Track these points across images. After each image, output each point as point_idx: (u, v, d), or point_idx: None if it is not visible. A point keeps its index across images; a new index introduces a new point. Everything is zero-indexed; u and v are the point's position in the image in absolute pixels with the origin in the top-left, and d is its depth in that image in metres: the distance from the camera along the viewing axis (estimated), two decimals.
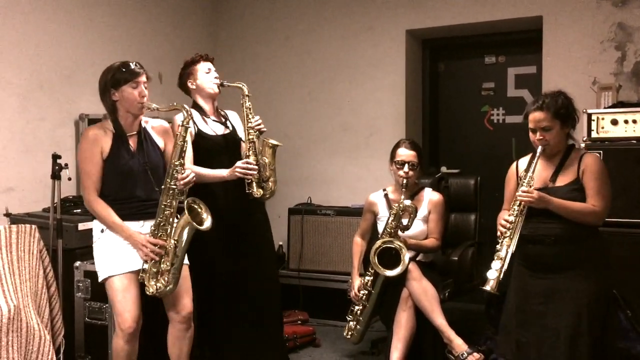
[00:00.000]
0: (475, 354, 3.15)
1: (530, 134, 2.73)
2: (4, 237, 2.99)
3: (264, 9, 5.25)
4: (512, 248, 2.63)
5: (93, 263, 3.30)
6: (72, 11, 4.13)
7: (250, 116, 3.28)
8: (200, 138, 3.27)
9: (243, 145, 3.33)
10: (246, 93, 3.32)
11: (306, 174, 5.07)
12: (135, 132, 2.87)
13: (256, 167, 3.19)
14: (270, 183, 3.27)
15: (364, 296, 3.44)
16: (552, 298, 2.68)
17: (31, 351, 2.88)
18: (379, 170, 4.51)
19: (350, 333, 3.52)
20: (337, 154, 5.01)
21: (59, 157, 3.31)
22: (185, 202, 2.79)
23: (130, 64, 2.81)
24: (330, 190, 4.95)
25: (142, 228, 2.81)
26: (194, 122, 3.25)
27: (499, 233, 2.69)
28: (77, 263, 3.36)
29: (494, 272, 2.64)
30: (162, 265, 2.75)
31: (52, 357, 2.93)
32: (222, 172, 3.20)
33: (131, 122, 2.86)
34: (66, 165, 3.30)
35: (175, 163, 2.77)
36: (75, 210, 3.58)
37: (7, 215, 3.56)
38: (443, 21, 4.67)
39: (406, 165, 3.50)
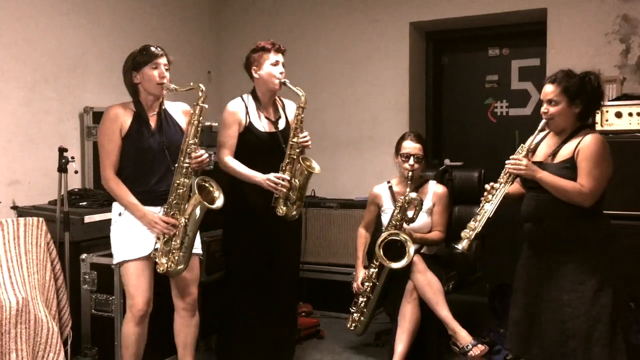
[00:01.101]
0: (479, 345, 3.17)
1: (542, 106, 2.73)
2: (12, 230, 3.00)
3: (268, 2, 5.24)
4: (490, 214, 2.65)
5: (99, 255, 3.36)
6: (77, 4, 4.13)
7: (299, 130, 3.19)
8: (248, 131, 3.24)
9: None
10: (302, 104, 3.19)
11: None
12: (155, 113, 2.93)
13: (288, 185, 3.13)
14: (294, 206, 3.20)
15: (369, 288, 3.46)
16: (546, 279, 2.67)
17: (39, 342, 2.90)
18: (382, 163, 4.52)
19: (354, 325, 3.55)
20: (341, 146, 5.02)
21: (66, 150, 3.32)
22: (195, 181, 2.80)
23: (151, 47, 2.88)
24: (334, 182, 4.97)
25: (158, 214, 2.84)
26: (247, 113, 3.24)
27: (482, 197, 2.73)
28: (84, 255, 3.38)
29: (467, 232, 2.69)
30: (173, 244, 2.80)
31: (59, 349, 2.95)
32: (257, 176, 3.15)
33: (152, 102, 2.92)
34: (72, 158, 3.32)
35: (190, 142, 2.80)
36: (81, 203, 3.59)
37: (14, 208, 3.58)
38: (447, 14, 4.67)
39: (412, 158, 3.51)
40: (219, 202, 2.82)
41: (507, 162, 2.67)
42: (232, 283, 3.32)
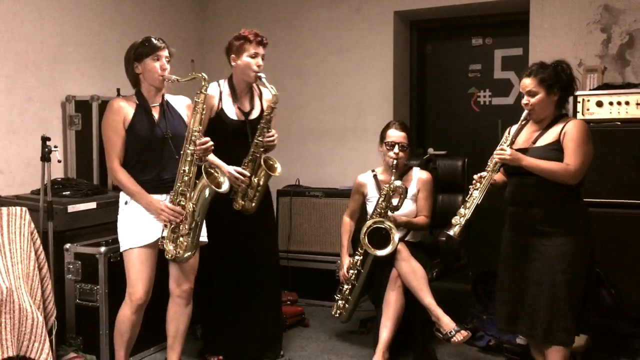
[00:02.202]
0: (462, 331, 3.21)
1: (522, 99, 2.86)
2: None
3: None
4: (478, 200, 2.79)
5: (83, 245, 3.36)
6: None
7: (265, 129, 3.20)
8: (219, 117, 3.25)
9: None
10: (272, 103, 3.20)
11: (294, 156, 5.09)
12: (157, 104, 2.94)
13: (247, 181, 3.18)
14: (251, 203, 3.25)
15: (353, 276, 3.49)
16: (531, 261, 2.78)
17: (24, 332, 2.88)
18: (367, 152, 4.54)
19: (338, 312, 3.57)
20: (326, 135, 5.03)
21: (48, 139, 3.28)
22: (203, 167, 2.84)
23: (153, 38, 2.89)
24: (319, 171, 4.98)
25: (165, 201, 2.86)
26: (220, 99, 3.26)
27: (470, 185, 2.85)
28: (68, 245, 3.37)
29: (458, 219, 2.82)
30: (181, 230, 2.82)
31: (44, 338, 2.94)
32: (221, 165, 3.16)
33: (154, 94, 2.93)
34: (56, 147, 3.28)
35: (194, 129, 2.82)
36: (64, 193, 3.57)
37: None
38: (431, 2, 4.68)
39: (396, 147, 3.53)
40: (225, 185, 2.86)
41: (494, 153, 2.80)
42: (206, 272, 3.29)
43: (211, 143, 2.88)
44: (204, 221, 2.94)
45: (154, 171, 2.88)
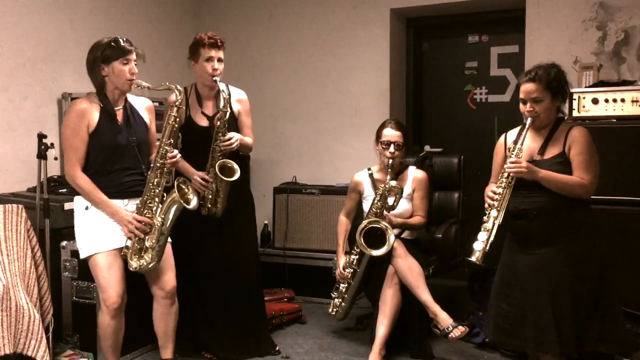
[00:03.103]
0: (460, 327, 3.22)
1: (521, 105, 2.72)
2: None
3: None
4: (499, 220, 2.62)
5: None
6: None
7: (220, 134, 3.17)
8: (186, 124, 3.29)
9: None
10: (222, 107, 3.18)
11: (291, 153, 5.09)
12: (121, 107, 2.88)
13: (210, 187, 3.20)
14: (218, 206, 3.25)
15: (350, 274, 3.49)
16: (535, 272, 2.67)
17: (21, 330, 2.89)
18: (363, 149, 4.54)
19: (335, 310, 3.58)
20: (322, 132, 5.03)
21: (45, 136, 3.29)
22: (175, 180, 2.82)
23: (121, 40, 2.79)
24: (315, 169, 4.98)
25: (125, 207, 2.82)
26: (187, 106, 3.26)
27: (486, 205, 2.68)
28: (64, 243, 3.36)
29: (480, 244, 2.63)
30: (146, 243, 2.78)
31: (41, 336, 2.94)
32: (190, 172, 3.22)
33: (118, 97, 2.87)
34: (52, 144, 3.28)
35: (166, 142, 2.79)
36: (60, 190, 3.56)
37: None
38: (427, 0, 4.68)
39: (392, 146, 3.53)
40: (194, 202, 2.84)
41: (506, 166, 2.64)
42: (180, 271, 3.29)
43: (179, 156, 2.88)
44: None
45: (115, 177, 2.81)
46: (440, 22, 5.03)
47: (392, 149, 3.53)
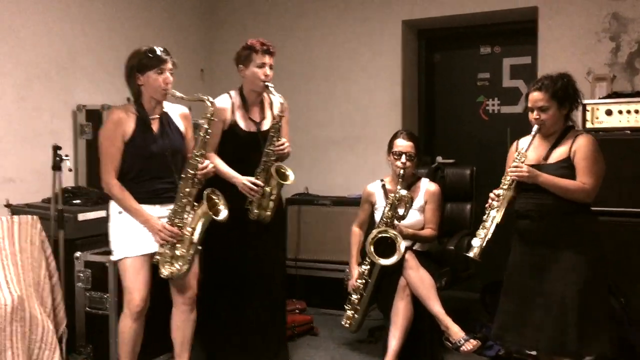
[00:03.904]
0: (472, 340, 3.20)
1: (529, 113, 2.82)
2: (7, 228, 3.01)
3: (262, 1, 5.25)
4: (498, 219, 2.74)
5: (94, 253, 3.36)
6: (70, 4, 4.13)
7: (275, 138, 3.19)
8: (231, 130, 3.25)
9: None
10: (280, 112, 3.19)
11: (303, 164, 5.09)
12: (157, 116, 2.92)
13: (260, 191, 3.17)
14: (266, 212, 3.24)
15: (362, 285, 3.49)
16: (542, 274, 2.75)
17: (35, 340, 2.91)
18: (375, 160, 4.54)
19: (348, 322, 3.57)
20: (334, 144, 5.04)
21: (59, 148, 3.33)
22: (205, 192, 2.83)
23: (157, 49, 2.83)
24: (327, 180, 4.99)
25: (157, 211, 2.86)
26: (233, 112, 3.25)
27: (487, 205, 2.81)
28: (78, 253, 3.38)
29: (477, 240, 2.77)
30: (176, 251, 2.82)
31: (54, 346, 2.96)
32: (235, 177, 3.18)
33: (154, 106, 2.90)
34: (67, 156, 3.32)
35: (197, 153, 2.82)
36: (75, 201, 3.59)
37: (8, 206, 3.57)
38: (439, 12, 4.69)
39: (404, 156, 3.54)
40: (223, 214, 2.85)
41: (508, 170, 2.77)
42: (210, 277, 3.30)
43: (212, 166, 2.90)
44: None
45: (148, 184, 2.86)
46: (452, 33, 5.03)
47: (403, 159, 3.53)
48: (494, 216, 2.76)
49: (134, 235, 2.84)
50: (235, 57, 3.29)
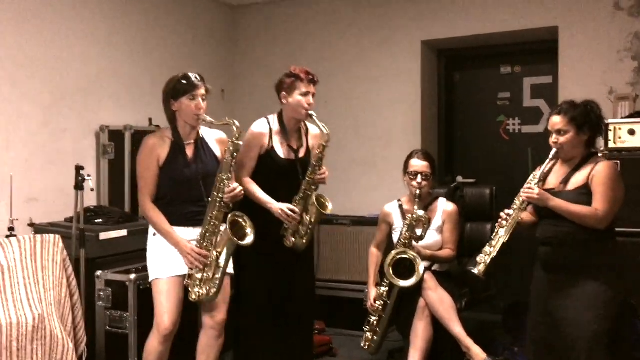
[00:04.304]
0: None
1: (549, 137, 2.82)
2: (29, 247, 3.05)
3: (281, 20, 5.31)
4: (505, 239, 2.78)
5: (114, 272, 3.40)
6: (94, 25, 4.22)
7: (317, 167, 3.20)
8: (269, 156, 3.26)
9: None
10: (325, 142, 3.19)
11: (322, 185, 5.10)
12: (192, 141, 2.96)
13: (298, 219, 3.17)
14: (302, 240, 3.23)
15: (380, 307, 3.46)
16: (560, 302, 2.72)
17: (55, 358, 2.93)
18: (395, 180, 4.50)
19: (367, 344, 3.53)
20: (354, 163, 5.04)
21: (82, 168, 3.38)
22: (229, 216, 2.85)
23: (191, 75, 2.89)
24: (346, 199, 4.97)
25: (190, 234, 2.89)
26: (270, 137, 3.26)
27: (497, 223, 2.84)
28: (99, 272, 3.41)
29: (482, 257, 2.81)
30: (204, 274, 2.84)
31: None
32: (271, 203, 3.17)
33: (189, 131, 2.96)
34: (89, 176, 3.37)
35: (223, 177, 2.84)
36: (97, 220, 3.64)
37: (31, 225, 3.63)
38: (458, 32, 4.70)
39: (419, 176, 3.52)
40: (249, 238, 2.87)
41: (521, 191, 2.77)
42: (244, 302, 3.33)
43: (240, 189, 2.90)
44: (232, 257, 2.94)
45: (181, 207, 2.91)
46: (472, 53, 5.04)
47: (419, 179, 3.52)
48: (501, 235, 2.79)
49: (166, 257, 2.88)
50: (277, 84, 3.29)
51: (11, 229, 3.39)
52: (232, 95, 5.37)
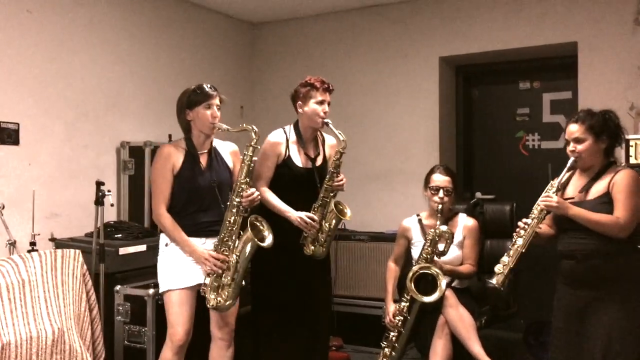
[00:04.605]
0: None
1: (567, 145, 2.79)
2: (50, 261, 3.08)
3: (300, 36, 5.36)
4: (522, 249, 2.74)
5: (133, 287, 3.42)
6: (115, 46, 4.30)
7: (335, 174, 3.21)
8: (286, 165, 3.27)
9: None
10: (342, 149, 3.21)
11: (340, 199, 5.08)
12: (206, 151, 3.00)
13: (317, 226, 3.17)
14: (322, 248, 3.23)
15: (400, 322, 3.43)
16: (584, 317, 2.67)
17: None
18: (413, 196, 4.51)
19: None
20: (372, 179, 5.04)
21: (102, 183, 3.42)
22: (249, 219, 2.87)
23: (205, 86, 2.95)
24: (364, 215, 4.96)
25: (203, 245, 2.91)
26: (287, 147, 3.28)
27: (515, 232, 2.79)
28: (118, 287, 3.44)
29: (500, 267, 2.76)
30: (223, 280, 2.84)
31: None
32: (289, 212, 3.18)
33: (203, 141, 3.00)
34: (109, 191, 3.41)
35: (242, 181, 2.87)
36: (117, 235, 3.67)
37: (52, 240, 3.68)
38: (476, 48, 4.70)
39: (441, 191, 3.51)
40: (268, 240, 2.88)
41: (539, 200, 2.74)
42: (260, 314, 3.32)
43: (257, 194, 2.92)
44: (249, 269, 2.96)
45: (195, 216, 2.93)
46: (490, 69, 5.03)
47: (441, 194, 3.50)
48: (519, 244, 2.75)
49: (179, 268, 2.89)
50: (293, 94, 3.32)
51: (33, 243, 3.44)
52: (251, 112, 5.42)
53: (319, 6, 5.08)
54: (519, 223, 2.80)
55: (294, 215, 3.16)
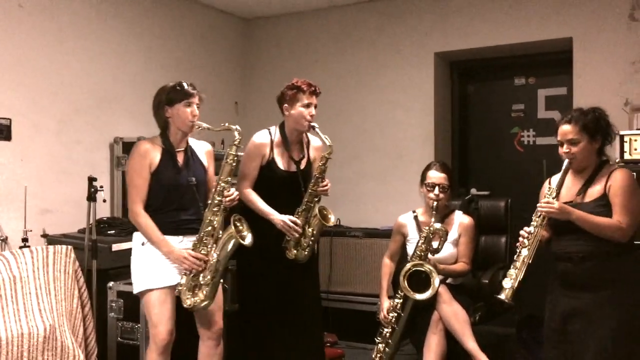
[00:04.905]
0: None
1: (559, 147, 2.74)
2: (41, 258, 3.07)
3: (294, 31, 5.34)
4: (529, 259, 2.66)
5: (126, 283, 3.39)
6: (108, 40, 4.27)
7: (320, 179, 3.21)
8: (269, 167, 3.25)
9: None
10: (328, 154, 3.21)
11: (335, 196, 5.05)
12: (182, 149, 2.97)
13: (300, 231, 3.16)
14: (304, 252, 3.22)
15: (393, 319, 3.42)
16: (579, 318, 2.65)
17: None
18: (408, 192, 4.50)
19: (379, 356, 3.49)
20: (366, 175, 5.03)
21: (95, 179, 3.40)
22: (232, 217, 2.85)
23: (184, 84, 2.91)
24: (359, 211, 4.96)
25: (180, 243, 2.87)
26: (272, 148, 3.26)
27: (518, 243, 2.72)
28: (111, 283, 3.42)
29: (509, 281, 2.67)
30: (200, 280, 2.81)
31: None
32: (273, 214, 3.16)
33: (180, 139, 2.96)
34: (101, 187, 3.39)
35: (224, 180, 2.84)
36: (109, 232, 3.65)
37: (44, 236, 3.66)
38: (471, 43, 4.69)
39: (437, 188, 3.49)
40: (249, 239, 2.86)
41: (538, 205, 2.68)
42: (248, 314, 3.30)
43: (237, 194, 2.90)
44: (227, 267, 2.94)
45: (173, 214, 2.88)
46: (485, 65, 5.02)
47: (436, 191, 3.49)
48: (525, 255, 2.67)
49: (157, 267, 2.84)
50: (280, 95, 3.29)
51: (25, 239, 3.42)
52: (245, 108, 5.40)
53: (312, 1, 5.06)
54: (521, 232, 2.72)
55: (278, 218, 3.15)
